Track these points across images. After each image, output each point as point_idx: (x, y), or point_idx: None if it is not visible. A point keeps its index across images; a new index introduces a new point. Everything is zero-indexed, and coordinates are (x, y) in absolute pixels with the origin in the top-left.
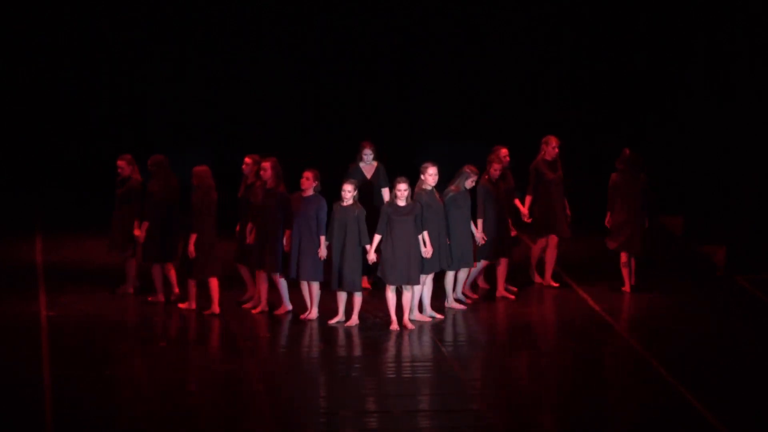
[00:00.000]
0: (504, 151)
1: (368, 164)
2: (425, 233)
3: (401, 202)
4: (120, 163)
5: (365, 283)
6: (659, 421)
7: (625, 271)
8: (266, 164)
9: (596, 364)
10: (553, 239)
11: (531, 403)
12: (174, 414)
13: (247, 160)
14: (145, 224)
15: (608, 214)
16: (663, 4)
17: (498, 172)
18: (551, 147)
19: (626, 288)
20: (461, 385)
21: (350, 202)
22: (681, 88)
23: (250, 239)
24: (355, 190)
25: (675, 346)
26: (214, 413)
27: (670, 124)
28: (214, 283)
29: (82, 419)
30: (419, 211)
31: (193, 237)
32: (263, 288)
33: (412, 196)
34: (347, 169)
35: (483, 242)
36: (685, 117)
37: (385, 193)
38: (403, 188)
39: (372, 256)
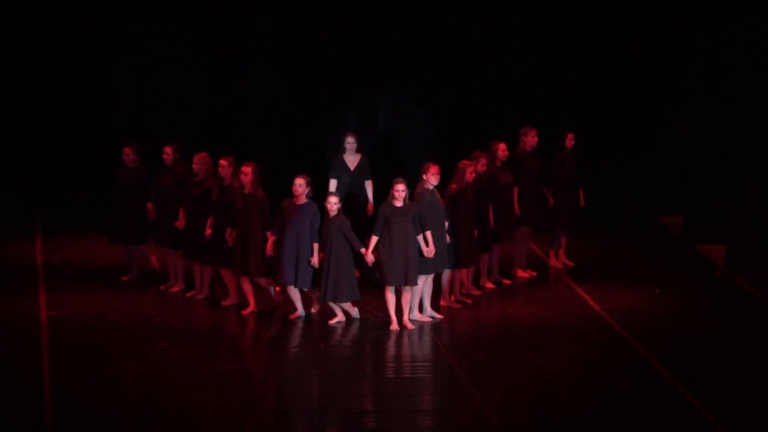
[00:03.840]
0: (502, 146)
1: (351, 156)
2: (428, 233)
3: (399, 203)
4: (127, 150)
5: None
6: (659, 421)
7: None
8: (247, 169)
9: (596, 364)
10: (527, 229)
11: (531, 403)
12: (174, 414)
13: (223, 162)
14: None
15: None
16: (663, 4)
17: (474, 175)
18: (530, 137)
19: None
20: (461, 385)
21: (334, 213)
22: (681, 88)
23: (230, 242)
24: (339, 202)
25: (675, 346)
26: (214, 413)
27: (669, 124)
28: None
29: (82, 419)
30: (416, 212)
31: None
32: (249, 290)
33: (411, 196)
34: (331, 161)
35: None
36: (685, 117)
37: (369, 186)
38: (401, 189)
39: (370, 257)
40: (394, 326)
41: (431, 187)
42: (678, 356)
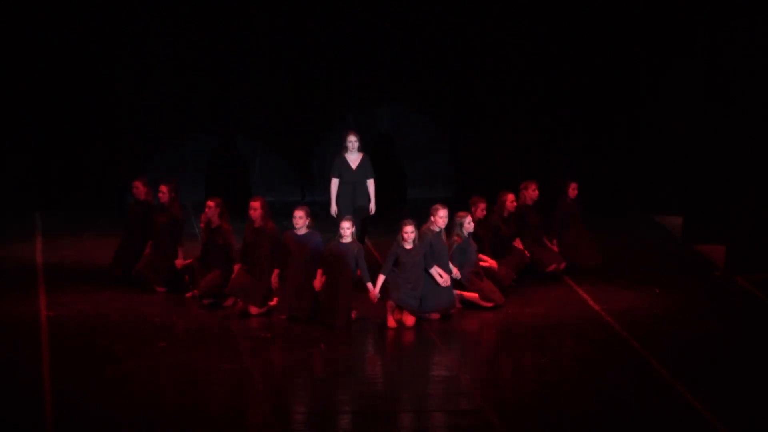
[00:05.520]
0: (510, 197)
1: (353, 155)
2: (436, 267)
3: (408, 245)
4: (137, 183)
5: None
6: (659, 421)
7: None
8: (256, 204)
9: (596, 364)
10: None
11: (531, 403)
12: (174, 414)
13: (210, 203)
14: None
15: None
16: (663, 4)
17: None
18: (531, 190)
19: None
20: (461, 385)
21: (349, 239)
22: (680, 88)
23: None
24: (353, 226)
25: (675, 346)
26: (214, 413)
27: (669, 124)
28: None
29: (82, 419)
30: (425, 250)
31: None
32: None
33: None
34: (332, 160)
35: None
36: (685, 116)
37: (371, 185)
38: (409, 231)
39: (375, 294)
40: (391, 323)
41: (437, 230)
42: (678, 356)
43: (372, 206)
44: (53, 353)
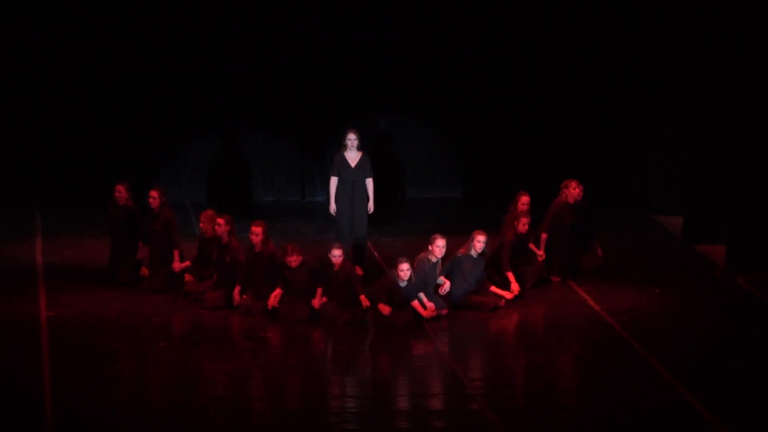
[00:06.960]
0: (524, 199)
1: (353, 153)
2: (420, 295)
3: (403, 284)
4: (119, 187)
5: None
6: (659, 421)
7: None
8: (257, 229)
9: (596, 364)
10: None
11: (531, 403)
12: (174, 414)
13: (220, 221)
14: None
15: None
16: (664, 3)
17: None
18: (572, 189)
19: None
20: (461, 385)
21: (338, 267)
22: (681, 88)
23: (237, 300)
24: (343, 254)
25: (675, 346)
26: (214, 413)
27: (669, 123)
28: None
29: (82, 419)
30: (419, 281)
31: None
32: None
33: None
34: (331, 158)
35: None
36: (685, 117)
37: (369, 183)
38: (405, 269)
39: (366, 303)
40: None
41: (435, 260)
42: (678, 356)
43: (371, 205)
44: (53, 353)
